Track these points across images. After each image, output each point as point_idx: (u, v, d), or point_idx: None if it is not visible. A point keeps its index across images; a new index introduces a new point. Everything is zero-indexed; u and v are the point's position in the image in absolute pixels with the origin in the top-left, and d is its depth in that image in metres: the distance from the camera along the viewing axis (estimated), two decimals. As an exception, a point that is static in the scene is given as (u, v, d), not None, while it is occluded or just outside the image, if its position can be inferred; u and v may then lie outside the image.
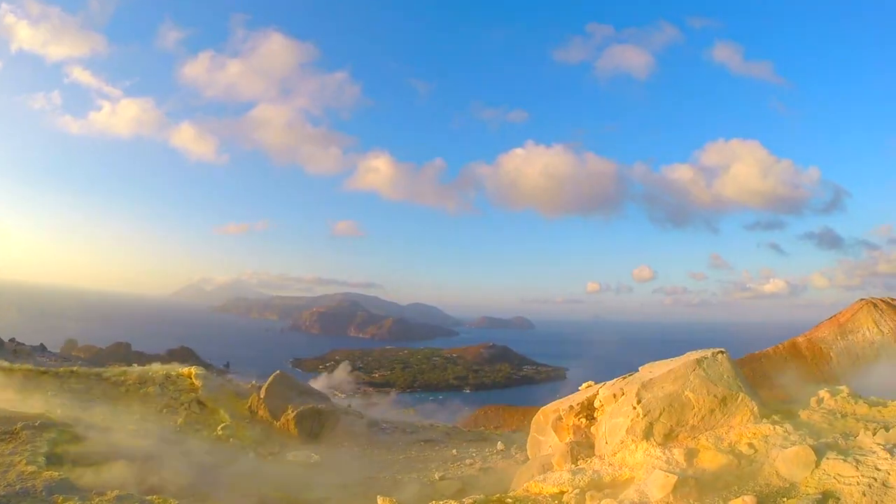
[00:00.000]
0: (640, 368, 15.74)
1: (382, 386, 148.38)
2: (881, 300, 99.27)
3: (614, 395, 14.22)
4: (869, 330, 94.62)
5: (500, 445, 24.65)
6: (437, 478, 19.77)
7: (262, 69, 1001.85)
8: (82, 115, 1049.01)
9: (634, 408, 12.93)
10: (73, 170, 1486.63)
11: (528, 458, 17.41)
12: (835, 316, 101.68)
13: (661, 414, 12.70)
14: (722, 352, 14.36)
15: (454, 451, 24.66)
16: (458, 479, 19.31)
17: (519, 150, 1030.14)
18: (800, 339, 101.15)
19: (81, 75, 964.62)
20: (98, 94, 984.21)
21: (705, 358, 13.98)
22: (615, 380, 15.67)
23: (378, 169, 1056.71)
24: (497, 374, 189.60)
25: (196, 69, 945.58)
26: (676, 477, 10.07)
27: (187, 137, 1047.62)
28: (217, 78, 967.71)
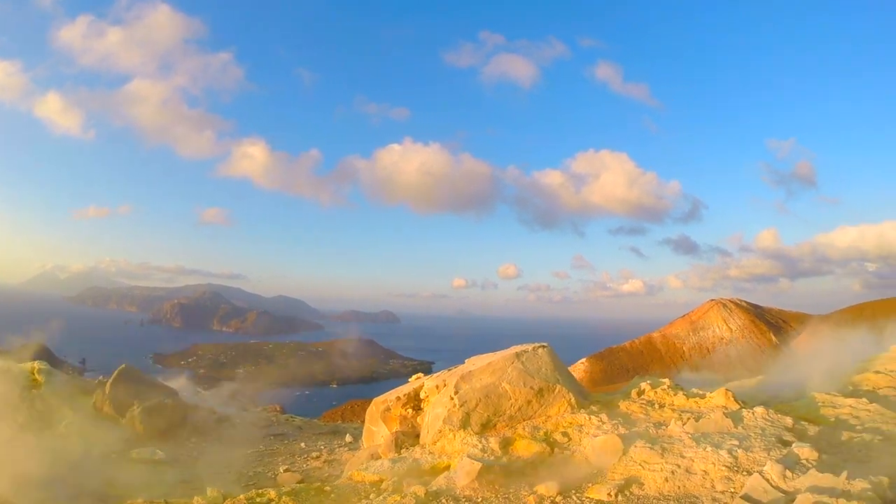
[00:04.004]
0: (465, 361, 16.38)
1: (246, 382, 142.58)
2: (730, 300, 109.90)
3: (437, 387, 14.70)
4: (718, 327, 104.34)
5: (347, 438, 24.61)
6: (281, 471, 19.50)
7: (144, 41, 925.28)
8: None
9: (452, 398, 13.36)
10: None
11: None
12: (688, 314, 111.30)
13: (477, 404, 13.23)
14: (543, 346, 15.15)
15: (303, 444, 24.35)
16: (301, 471, 19.14)
17: (396, 146, 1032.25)
18: (655, 335, 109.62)
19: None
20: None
21: (525, 351, 14.67)
22: (441, 371, 16.19)
23: (253, 156, 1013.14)
24: (363, 368, 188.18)
25: (72, 34, 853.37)
26: (481, 464, 10.42)
27: (53, 108, 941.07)
28: (94, 46, 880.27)
